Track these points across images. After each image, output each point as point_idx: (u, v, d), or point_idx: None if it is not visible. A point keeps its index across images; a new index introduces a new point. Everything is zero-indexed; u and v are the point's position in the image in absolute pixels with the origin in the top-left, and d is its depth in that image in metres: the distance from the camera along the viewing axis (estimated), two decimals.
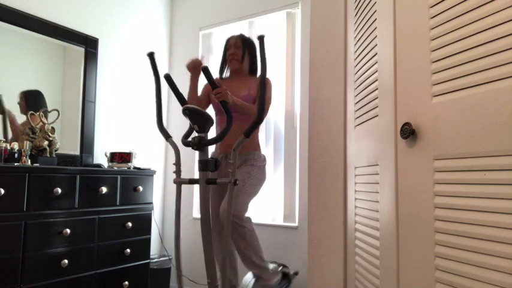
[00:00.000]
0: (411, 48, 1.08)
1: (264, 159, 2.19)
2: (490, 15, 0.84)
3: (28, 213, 1.90)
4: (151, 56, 1.87)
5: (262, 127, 2.67)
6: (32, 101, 2.39)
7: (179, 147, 1.81)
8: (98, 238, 2.22)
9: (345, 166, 1.64)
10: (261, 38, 1.74)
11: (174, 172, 1.78)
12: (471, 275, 0.85)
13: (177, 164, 1.76)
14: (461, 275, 0.88)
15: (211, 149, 2.24)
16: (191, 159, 3.11)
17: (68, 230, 2.05)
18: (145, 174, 2.54)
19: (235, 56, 2.19)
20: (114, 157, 2.55)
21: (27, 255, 1.88)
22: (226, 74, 2.31)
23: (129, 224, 2.40)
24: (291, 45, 2.80)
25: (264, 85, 1.75)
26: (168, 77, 1.90)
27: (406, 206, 1.07)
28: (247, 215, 2.02)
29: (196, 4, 3.33)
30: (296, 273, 2.33)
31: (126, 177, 2.42)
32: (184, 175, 2.14)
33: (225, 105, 1.79)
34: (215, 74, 1.98)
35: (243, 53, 2.20)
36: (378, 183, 1.25)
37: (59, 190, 2.03)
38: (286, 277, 2.27)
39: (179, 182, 1.74)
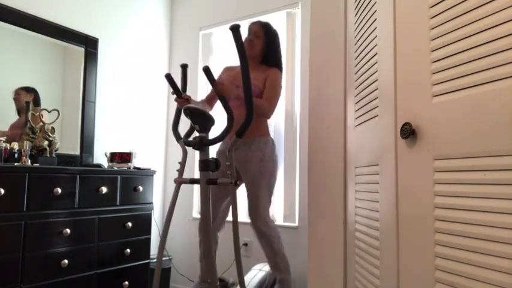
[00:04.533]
0: (411, 48, 1.08)
1: (273, 143, 2.14)
2: (490, 15, 0.84)
3: (28, 213, 1.90)
4: (184, 67, 1.94)
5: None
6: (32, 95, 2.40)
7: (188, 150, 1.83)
8: (98, 238, 2.22)
9: (345, 166, 1.64)
10: (234, 29, 1.56)
11: (177, 170, 1.79)
12: (471, 275, 0.85)
13: (182, 164, 1.77)
14: (461, 275, 0.88)
15: (215, 146, 2.23)
16: (192, 159, 3.12)
17: (68, 230, 2.05)
18: (145, 174, 2.54)
19: (250, 43, 2.14)
20: (114, 157, 2.55)
21: (27, 255, 1.88)
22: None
23: (129, 224, 2.39)
24: (291, 45, 2.79)
25: (247, 81, 1.61)
26: (169, 77, 1.90)
27: (406, 206, 1.07)
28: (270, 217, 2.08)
29: (196, 4, 3.33)
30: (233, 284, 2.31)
31: (126, 177, 2.42)
32: (184, 175, 2.14)
33: (225, 103, 1.79)
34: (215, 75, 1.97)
35: (261, 43, 2.14)
36: (378, 183, 1.25)
37: (59, 190, 2.03)
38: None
39: (180, 181, 1.74)
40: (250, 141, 2.07)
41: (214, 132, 1.76)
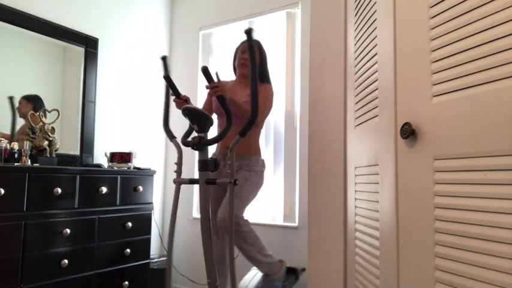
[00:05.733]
0: (411, 48, 1.08)
1: (263, 164, 2.17)
2: (490, 15, 0.84)
3: (28, 213, 1.90)
4: (164, 59, 1.88)
5: (262, 129, 2.65)
6: (32, 105, 2.39)
7: (182, 148, 1.81)
8: (98, 238, 2.22)
9: (345, 166, 1.64)
10: (248, 32, 1.64)
11: (175, 171, 1.78)
12: (471, 275, 0.85)
13: (179, 164, 1.77)
14: (461, 275, 0.88)
15: (212, 149, 2.24)
16: (191, 159, 3.12)
17: (68, 230, 2.05)
18: (145, 174, 2.54)
19: (247, 62, 2.14)
20: (114, 157, 2.55)
21: (27, 255, 1.88)
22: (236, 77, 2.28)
23: (129, 224, 2.39)
24: (291, 45, 2.79)
25: (255, 83, 1.66)
26: (167, 78, 1.90)
27: (406, 206, 1.07)
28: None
29: (196, 4, 3.33)
30: (303, 269, 2.34)
31: (126, 177, 2.42)
32: (184, 175, 2.14)
33: (223, 102, 1.78)
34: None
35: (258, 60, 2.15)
36: (378, 183, 1.25)
37: (59, 190, 2.03)
38: (293, 272, 2.27)
39: (179, 182, 1.74)
40: (240, 158, 2.06)
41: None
